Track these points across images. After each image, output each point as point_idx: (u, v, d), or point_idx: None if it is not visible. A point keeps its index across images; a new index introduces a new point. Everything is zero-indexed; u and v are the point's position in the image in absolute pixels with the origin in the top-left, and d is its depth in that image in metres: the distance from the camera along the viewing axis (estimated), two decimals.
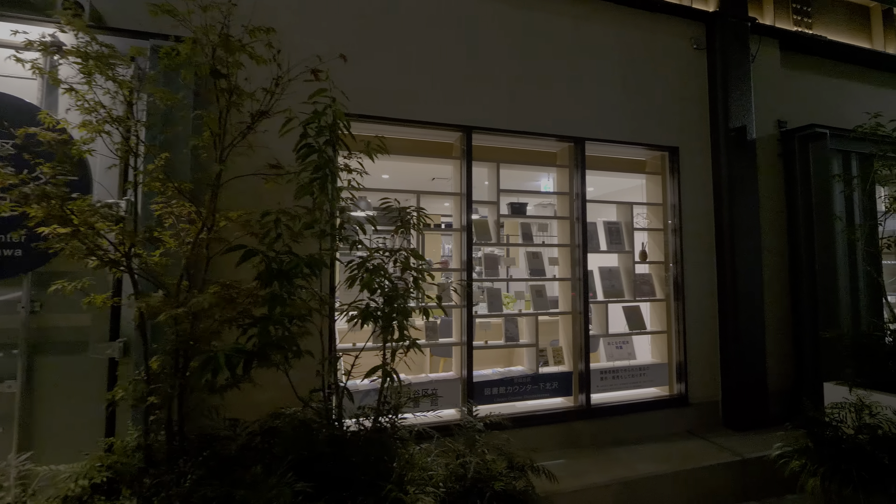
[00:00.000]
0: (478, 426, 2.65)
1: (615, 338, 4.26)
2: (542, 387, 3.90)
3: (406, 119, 3.53)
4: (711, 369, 4.29)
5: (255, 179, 2.37)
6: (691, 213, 4.33)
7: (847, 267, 4.51)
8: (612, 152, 4.36)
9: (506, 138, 3.89)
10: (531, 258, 4.06)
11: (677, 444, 3.84)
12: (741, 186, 4.33)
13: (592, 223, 4.26)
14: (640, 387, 4.20)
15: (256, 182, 2.39)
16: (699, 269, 4.31)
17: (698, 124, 4.45)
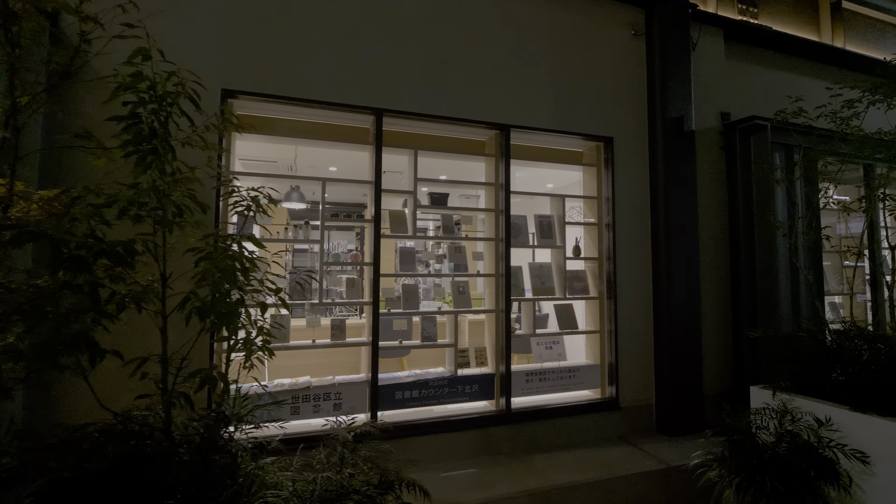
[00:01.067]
0: (344, 437, 2.36)
1: (545, 338, 4.03)
2: (460, 390, 3.65)
3: (308, 99, 3.24)
4: (645, 371, 4.08)
5: (90, 155, 2.06)
6: (626, 208, 4.12)
7: (789, 266, 4.35)
8: (546, 142, 4.13)
9: (424, 124, 3.63)
10: (453, 252, 3.80)
11: (603, 451, 3.62)
12: (678, 180, 4.13)
13: (522, 216, 4.02)
14: (569, 390, 3.97)
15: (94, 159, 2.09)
16: (633, 266, 4.10)
17: (635, 114, 4.25)
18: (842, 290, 5.00)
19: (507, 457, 3.49)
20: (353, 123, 3.50)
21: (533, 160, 4.19)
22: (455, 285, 3.78)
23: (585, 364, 4.08)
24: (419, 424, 3.40)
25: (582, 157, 4.36)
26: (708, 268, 4.26)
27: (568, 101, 4.00)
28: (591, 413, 3.86)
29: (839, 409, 2.74)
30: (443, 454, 3.41)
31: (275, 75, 3.18)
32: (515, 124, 3.79)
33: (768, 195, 4.30)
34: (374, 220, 3.36)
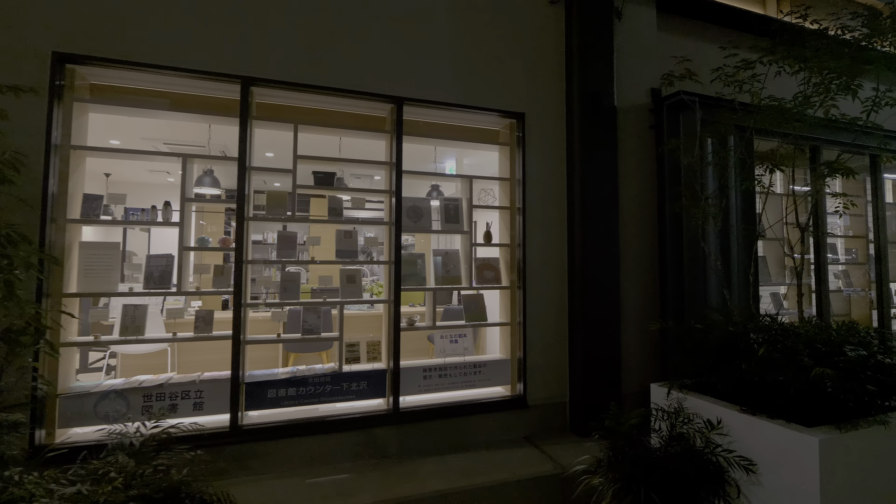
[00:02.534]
0: (130, 441, 2.04)
1: (449, 330, 3.72)
2: (346, 388, 3.34)
3: (159, 65, 2.91)
4: (559, 367, 3.78)
5: None
6: (538, 190, 3.80)
7: (719, 253, 4.03)
8: (456, 119, 3.80)
9: (304, 95, 3.29)
10: (342, 238, 3.48)
11: (500, 453, 3.32)
12: (597, 161, 3.80)
13: (426, 199, 3.70)
14: (475, 387, 3.67)
15: None
16: (546, 253, 3.78)
17: (552, 89, 3.91)
18: (784, 279, 4.70)
19: (391, 460, 3.19)
20: (220, 94, 3.17)
21: (442, 138, 3.87)
22: (343, 273, 3.46)
23: (493, 359, 3.77)
24: (293, 425, 3.09)
25: (498, 136, 4.03)
26: (632, 256, 3.95)
27: (474, 73, 3.66)
28: (494, 412, 3.56)
29: (730, 409, 2.43)
30: (320, 458, 3.11)
31: (119, 38, 2.85)
32: (410, 97, 3.46)
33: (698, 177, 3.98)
34: (237, 200, 3.03)
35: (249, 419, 3.11)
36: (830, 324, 2.93)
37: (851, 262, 5.09)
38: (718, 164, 3.13)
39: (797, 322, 2.92)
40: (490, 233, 3.91)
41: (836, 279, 5.12)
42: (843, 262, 5.09)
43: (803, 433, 2.07)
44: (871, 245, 5.03)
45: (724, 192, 3.87)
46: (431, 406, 3.42)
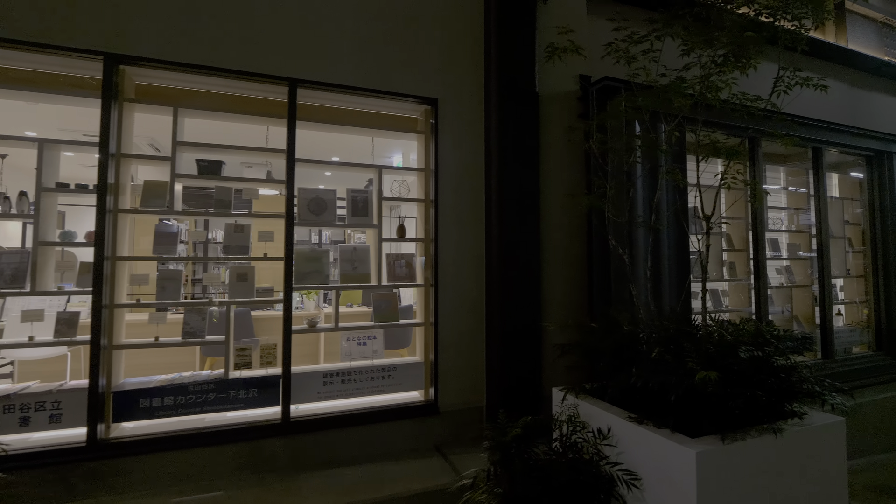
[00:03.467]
0: None
1: (357, 332, 3.46)
2: (233, 396, 3.06)
3: (13, 41, 2.60)
4: (475, 370, 3.54)
5: None
6: (452, 182, 3.55)
7: (649, 250, 3.83)
8: (368, 105, 3.54)
9: (185, 76, 3.00)
10: (231, 232, 3.19)
11: (401, 465, 3.06)
12: (518, 151, 3.56)
13: (331, 191, 3.44)
14: (384, 392, 3.41)
15: None
16: (461, 249, 3.54)
17: (469, 73, 3.67)
18: (723, 275, 4.53)
19: (277, 475, 2.92)
20: (81, 73, 2.86)
21: (354, 125, 3.60)
22: (234, 271, 3.18)
23: (405, 362, 3.52)
24: (166, 438, 2.80)
25: (417, 125, 3.77)
26: (558, 254, 3.72)
27: (380, 54, 3.40)
28: (402, 419, 3.30)
29: (619, 417, 2.21)
30: (197, 474, 2.83)
31: None
32: (306, 79, 3.18)
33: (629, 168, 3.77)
34: (98, 190, 2.73)
35: (120, 432, 2.81)
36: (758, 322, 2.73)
37: (794, 258, 4.95)
38: (616, 149, 2.89)
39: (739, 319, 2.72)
40: (403, 227, 3.66)
41: (778, 275, 4.97)
42: (786, 257, 4.95)
43: (682, 445, 1.85)
44: (813, 240, 4.89)
45: (653, 184, 3.67)
46: (329, 415, 3.15)
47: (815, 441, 2.08)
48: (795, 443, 2.03)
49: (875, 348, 5.18)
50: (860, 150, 5.18)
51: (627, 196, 3.10)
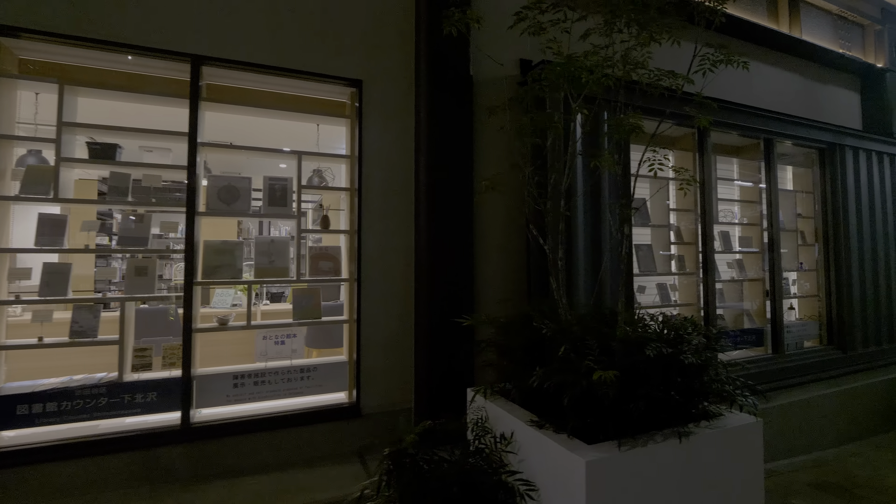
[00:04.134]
0: None
1: (273, 330, 3.22)
2: (128, 400, 2.80)
3: None
4: (404, 370, 3.33)
5: None
6: (380, 171, 3.34)
7: (590, 242, 3.67)
8: (291, 87, 3.30)
9: (74, 50, 2.72)
10: (128, 223, 2.93)
11: (315, 472, 2.85)
12: (448, 139, 3.36)
13: (246, 178, 3.19)
14: (303, 394, 3.18)
15: None
16: (387, 242, 3.33)
17: (398, 53, 3.45)
18: (671, 269, 4.40)
19: (174, 486, 2.68)
20: None
21: (273, 108, 3.35)
22: (131, 264, 2.91)
23: (327, 362, 3.29)
24: (45, 448, 2.54)
25: (345, 109, 3.54)
26: (495, 244, 3.54)
27: (297, 30, 3.16)
28: (319, 423, 3.09)
29: (520, 421, 2.03)
30: (85, 486, 2.57)
31: None
32: (212, 56, 2.93)
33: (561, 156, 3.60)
34: None
35: None
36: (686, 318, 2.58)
37: (746, 252, 4.86)
38: (527, 132, 2.69)
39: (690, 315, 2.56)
40: (328, 217, 3.43)
41: (729, 269, 4.88)
42: (738, 251, 4.85)
43: (573, 452, 1.68)
44: (765, 233, 4.81)
45: (595, 174, 3.51)
46: (238, 419, 2.92)
47: (729, 444, 1.93)
48: (706, 447, 1.87)
49: (826, 342, 5.14)
50: (813, 143, 5.11)
51: (547, 182, 2.91)
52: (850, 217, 5.21)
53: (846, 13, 5.89)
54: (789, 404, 4.26)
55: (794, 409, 4.29)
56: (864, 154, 5.47)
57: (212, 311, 4.73)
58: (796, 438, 4.24)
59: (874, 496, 3.53)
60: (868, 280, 5.32)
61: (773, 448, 4.10)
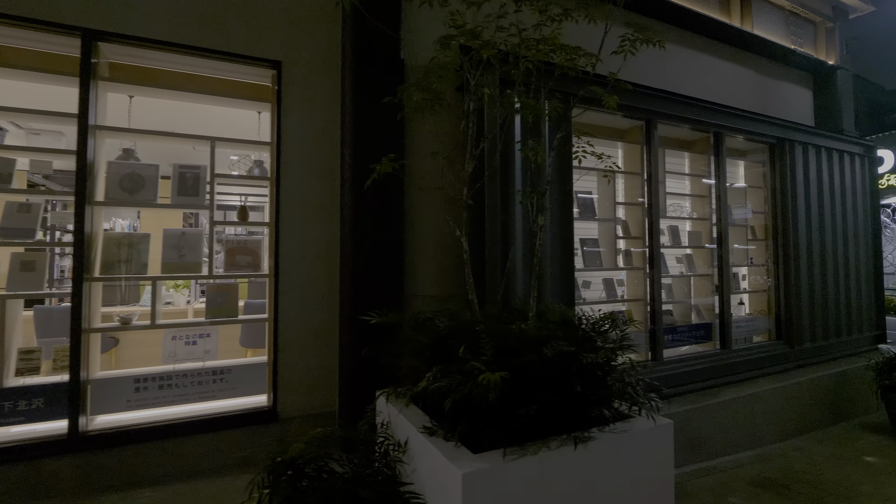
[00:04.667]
0: None
1: (183, 330, 3.00)
2: (8, 408, 2.54)
3: None
4: (328, 371, 3.15)
5: None
6: (302, 159, 3.13)
7: (523, 236, 3.54)
8: (200, 67, 3.06)
9: None
10: (13, 212, 2.66)
11: (218, 482, 2.64)
12: (376, 127, 3.18)
13: (153, 166, 2.95)
14: (215, 398, 2.97)
15: None
16: (310, 234, 3.13)
17: (322, 33, 3.24)
18: (617, 263, 4.31)
19: (58, 501, 2.44)
20: None
21: (186, 91, 3.11)
22: (15, 258, 2.65)
23: (243, 363, 3.09)
24: None
25: (269, 93, 3.32)
26: (432, 236, 3.36)
27: (208, 5, 2.93)
28: (230, 429, 2.88)
29: (414, 427, 1.87)
30: None
31: None
32: (108, 31, 2.68)
33: (505, 147, 3.45)
34: None
35: None
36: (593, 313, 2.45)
37: (696, 247, 4.81)
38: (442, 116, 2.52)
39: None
40: (246, 209, 3.21)
41: (679, 264, 4.83)
42: (687, 245, 4.80)
43: (454, 462, 1.52)
44: (714, 228, 4.76)
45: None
46: (138, 426, 2.69)
47: (636, 449, 1.81)
48: (609, 452, 1.74)
49: (775, 337, 5.14)
50: (763, 138, 5.09)
51: (462, 168, 2.75)
52: (799, 213, 5.22)
53: (798, 9, 5.90)
54: (734, 399, 4.22)
55: (740, 405, 4.26)
56: (813, 150, 5.48)
57: (143, 309, 4.46)
58: (741, 434, 4.21)
59: (810, 492, 3.51)
60: (816, 276, 5.34)
61: (718, 444, 4.05)
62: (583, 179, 4.40)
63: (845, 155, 5.88)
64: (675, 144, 4.92)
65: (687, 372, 4.24)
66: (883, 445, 4.37)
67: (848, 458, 4.10)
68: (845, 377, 5.09)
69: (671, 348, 4.42)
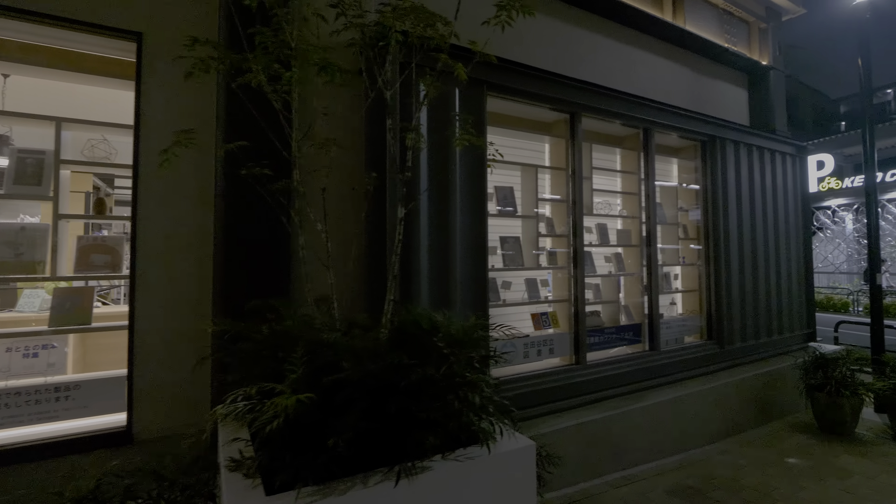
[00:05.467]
0: None
1: (22, 340, 2.58)
2: None
3: None
4: (197, 385, 2.77)
5: None
6: (167, 142, 2.76)
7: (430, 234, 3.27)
8: (48, 38, 2.65)
9: None
10: None
11: None
12: (259, 107, 2.83)
13: None
14: (59, 418, 2.56)
15: None
16: (175, 228, 2.76)
17: (193, 4, 2.88)
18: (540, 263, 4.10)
19: None
20: None
21: (31, 65, 2.69)
22: None
23: (93, 378, 2.68)
24: None
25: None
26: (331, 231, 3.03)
27: None
28: (76, 454, 2.48)
29: (223, 459, 1.55)
30: None
31: None
32: None
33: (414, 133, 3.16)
34: None
35: None
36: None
37: (626, 245, 4.67)
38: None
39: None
40: (103, 201, 2.81)
41: (608, 263, 4.67)
42: (616, 244, 4.65)
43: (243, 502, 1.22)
44: (643, 226, 4.63)
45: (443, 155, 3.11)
46: None
47: (483, 479, 1.55)
48: (449, 485, 1.47)
49: (706, 337, 5.07)
50: (695, 135, 5.01)
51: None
52: (730, 211, 5.17)
53: (732, 8, 5.89)
54: (660, 403, 4.09)
55: (666, 409, 4.12)
56: (745, 148, 5.46)
57: (17, 315, 3.93)
58: (667, 439, 4.07)
59: (728, 499, 3.38)
60: (747, 274, 5.31)
61: (642, 451, 3.90)
62: (506, 175, 4.18)
63: (776, 154, 5.90)
64: (606, 140, 4.77)
65: (612, 375, 4.07)
66: (807, 445, 4.34)
67: (771, 461, 4.02)
68: (774, 377, 5.06)
69: (598, 351, 4.25)
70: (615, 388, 4.07)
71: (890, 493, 3.44)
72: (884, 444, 4.40)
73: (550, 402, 3.68)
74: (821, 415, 4.69)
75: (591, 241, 4.48)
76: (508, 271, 3.96)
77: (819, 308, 14.92)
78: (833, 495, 3.42)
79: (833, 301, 14.85)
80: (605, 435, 3.68)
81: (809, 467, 3.90)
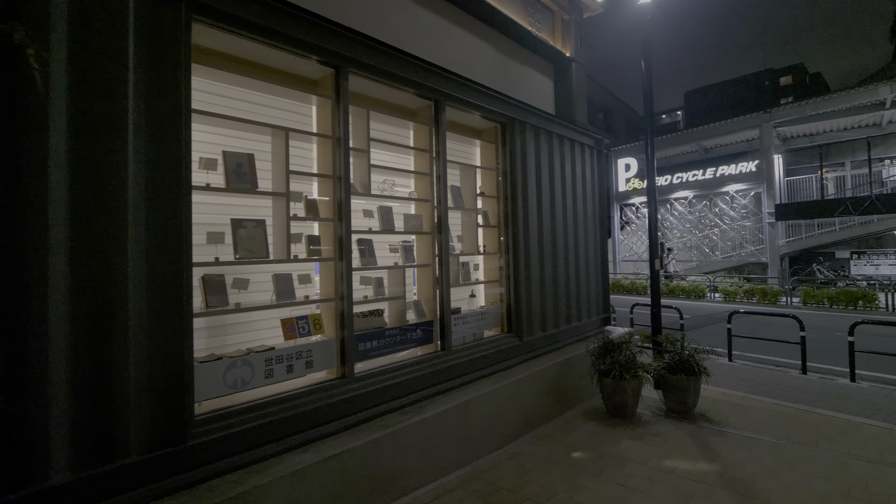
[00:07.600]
0: None
1: None
2: None
3: None
4: None
5: None
6: None
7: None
8: None
9: None
10: None
11: None
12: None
13: None
14: None
15: None
16: None
17: None
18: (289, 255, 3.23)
19: None
20: None
21: None
22: None
23: None
24: None
25: None
26: None
27: None
28: None
29: None
30: None
31: None
32: None
33: None
34: None
35: None
36: None
37: (417, 232, 4.07)
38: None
39: None
40: None
41: (393, 253, 4.02)
42: (404, 230, 4.02)
43: None
44: (435, 211, 4.08)
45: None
46: None
47: None
48: None
49: (506, 330, 4.78)
50: (493, 115, 4.65)
51: None
52: (530, 197, 4.97)
53: None
54: (443, 412, 3.54)
55: (452, 417, 3.61)
56: (545, 134, 5.34)
57: None
58: (451, 452, 3.56)
59: None
60: (547, 262, 5.20)
61: (419, 472, 3.30)
62: (248, 140, 3.21)
63: (577, 144, 5.98)
64: (393, 110, 4.09)
65: (388, 386, 3.40)
66: (593, 434, 4.26)
67: (558, 458, 3.79)
68: (571, 365, 5.01)
69: (376, 358, 3.56)
70: (393, 400, 3.42)
71: (658, 481, 3.38)
72: (658, 422, 4.56)
73: (300, 433, 2.84)
74: (608, 399, 4.72)
75: (372, 228, 3.76)
76: (244, 265, 2.99)
77: (625, 292, 17.03)
78: (607, 492, 3.23)
79: (636, 285, 17.08)
80: (369, 463, 2.97)
81: (592, 460, 3.74)
